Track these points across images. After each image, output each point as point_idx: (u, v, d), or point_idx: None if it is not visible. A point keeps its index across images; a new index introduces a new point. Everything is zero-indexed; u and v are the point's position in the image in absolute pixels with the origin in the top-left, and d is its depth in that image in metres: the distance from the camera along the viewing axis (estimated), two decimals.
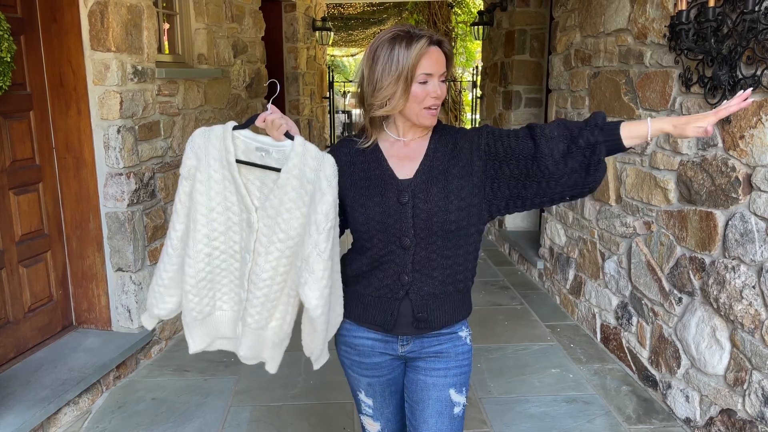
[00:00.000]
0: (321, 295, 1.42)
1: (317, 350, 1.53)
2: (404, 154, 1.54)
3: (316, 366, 1.58)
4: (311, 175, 1.43)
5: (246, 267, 1.52)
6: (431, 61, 1.43)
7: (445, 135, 1.55)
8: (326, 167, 1.43)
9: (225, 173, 1.49)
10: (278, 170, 1.45)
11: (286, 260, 1.48)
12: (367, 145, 1.54)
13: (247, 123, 1.50)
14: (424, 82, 1.44)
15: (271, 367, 1.61)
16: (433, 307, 1.54)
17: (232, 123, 1.51)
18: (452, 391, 1.58)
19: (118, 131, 3.06)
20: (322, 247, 1.41)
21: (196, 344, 1.63)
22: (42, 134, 3.02)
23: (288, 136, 1.46)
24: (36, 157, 2.99)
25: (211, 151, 1.49)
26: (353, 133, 1.65)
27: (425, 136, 1.55)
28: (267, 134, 1.47)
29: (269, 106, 1.50)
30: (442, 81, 1.47)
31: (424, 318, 1.54)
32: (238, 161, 1.48)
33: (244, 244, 1.53)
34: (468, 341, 1.63)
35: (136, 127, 3.20)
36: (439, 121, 1.56)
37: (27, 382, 2.72)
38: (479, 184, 1.48)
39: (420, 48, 1.42)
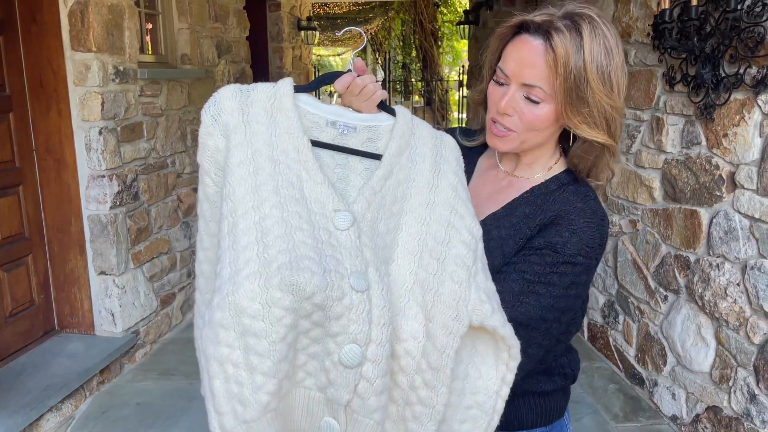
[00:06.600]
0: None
1: None
2: (489, 191, 1.09)
3: None
4: (432, 157, 0.96)
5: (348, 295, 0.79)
6: (513, 55, 0.97)
7: (548, 207, 1.00)
8: (448, 143, 1.00)
9: (285, 159, 0.87)
10: (366, 155, 0.93)
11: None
12: (475, 143, 1.16)
13: (314, 85, 1.00)
14: (500, 83, 0.99)
15: None
16: None
17: (289, 81, 0.92)
18: None
19: (100, 132, 3.01)
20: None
21: None
22: (22, 136, 2.96)
23: (383, 108, 0.97)
24: (16, 159, 2.94)
25: (255, 127, 0.87)
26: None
27: (528, 179, 1.06)
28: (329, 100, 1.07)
29: (356, 60, 0.97)
30: (528, 98, 0.95)
31: None
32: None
33: (339, 259, 0.81)
34: None
35: (119, 128, 3.15)
36: (569, 187, 1.02)
37: (9, 388, 2.67)
38: None
39: (506, 30, 1.00)
